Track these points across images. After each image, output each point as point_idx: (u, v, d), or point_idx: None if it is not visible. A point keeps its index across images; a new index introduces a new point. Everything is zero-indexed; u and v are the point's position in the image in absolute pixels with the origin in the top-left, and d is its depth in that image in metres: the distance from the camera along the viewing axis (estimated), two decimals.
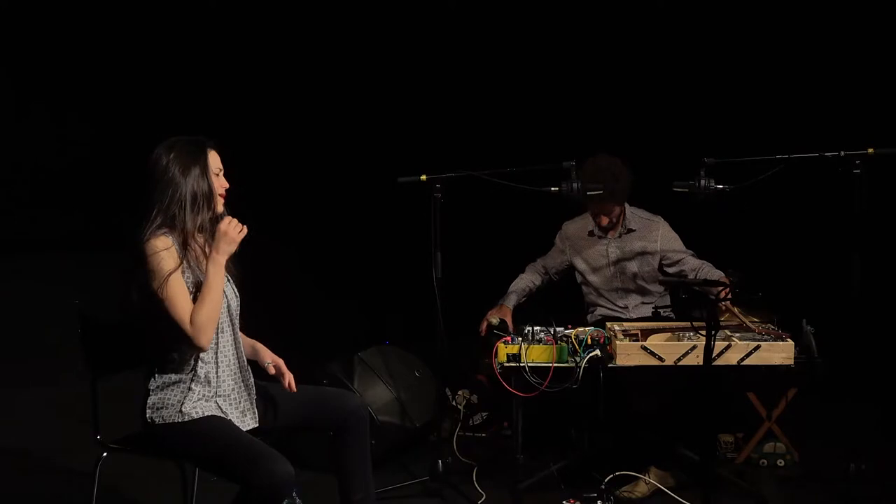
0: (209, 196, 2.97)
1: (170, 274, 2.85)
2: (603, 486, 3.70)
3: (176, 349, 2.93)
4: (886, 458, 4.07)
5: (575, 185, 3.83)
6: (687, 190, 3.80)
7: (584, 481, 3.87)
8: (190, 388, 2.93)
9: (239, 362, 3.05)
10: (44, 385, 4.76)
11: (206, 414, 2.92)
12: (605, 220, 4.24)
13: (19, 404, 4.70)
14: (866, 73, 5.15)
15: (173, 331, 2.88)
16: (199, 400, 2.93)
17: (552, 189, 3.87)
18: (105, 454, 3.06)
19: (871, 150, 3.64)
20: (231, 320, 3.04)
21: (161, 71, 5.64)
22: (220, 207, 3.03)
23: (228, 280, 3.07)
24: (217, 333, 2.97)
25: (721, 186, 3.77)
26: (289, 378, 3.11)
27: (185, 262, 2.91)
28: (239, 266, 3.09)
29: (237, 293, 3.10)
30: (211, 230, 3.02)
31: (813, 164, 3.68)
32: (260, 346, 3.19)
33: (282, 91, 5.74)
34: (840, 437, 3.94)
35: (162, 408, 2.92)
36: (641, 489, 3.85)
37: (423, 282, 3.89)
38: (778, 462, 4.22)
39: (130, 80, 5.63)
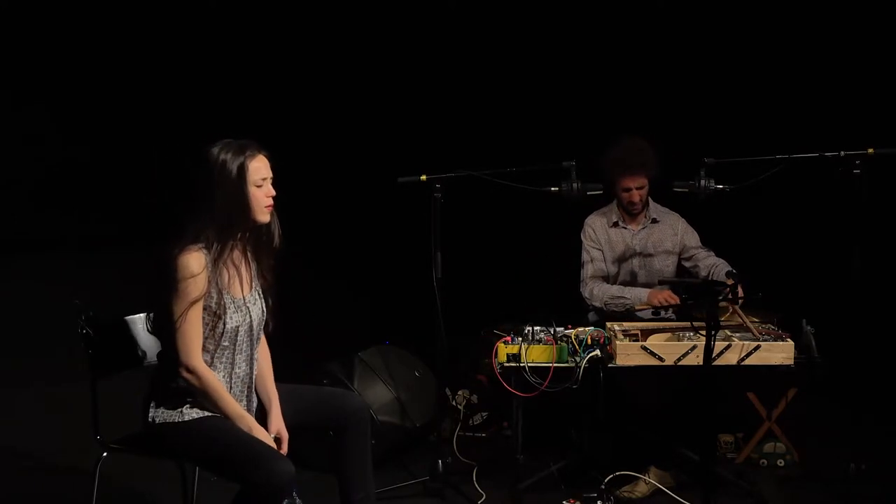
0: (246, 209, 2.88)
1: (192, 304, 2.80)
2: (603, 486, 3.70)
3: None
4: (886, 458, 4.07)
5: (575, 185, 3.84)
6: (687, 190, 3.81)
7: (584, 481, 3.88)
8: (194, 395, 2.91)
9: (249, 380, 3.03)
10: (44, 385, 4.76)
11: (206, 414, 2.91)
12: (636, 196, 4.17)
13: (19, 404, 4.69)
14: (866, 73, 5.14)
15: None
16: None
17: (552, 189, 3.88)
18: (105, 454, 3.06)
19: (871, 150, 3.64)
20: (251, 338, 3.01)
21: (161, 71, 5.64)
22: (260, 218, 2.91)
23: (260, 295, 3.04)
24: (234, 353, 2.96)
25: (721, 186, 3.77)
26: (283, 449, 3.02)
27: (213, 282, 2.85)
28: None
29: (265, 307, 3.05)
30: (252, 244, 2.98)
31: (813, 163, 3.68)
32: (274, 406, 3.07)
33: (281, 91, 5.74)
34: (840, 437, 3.94)
35: (162, 407, 2.92)
36: (641, 489, 3.85)
37: (423, 282, 3.89)
38: (778, 462, 4.21)
39: (131, 80, 5.63)
